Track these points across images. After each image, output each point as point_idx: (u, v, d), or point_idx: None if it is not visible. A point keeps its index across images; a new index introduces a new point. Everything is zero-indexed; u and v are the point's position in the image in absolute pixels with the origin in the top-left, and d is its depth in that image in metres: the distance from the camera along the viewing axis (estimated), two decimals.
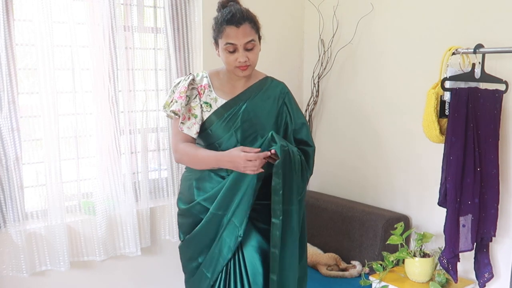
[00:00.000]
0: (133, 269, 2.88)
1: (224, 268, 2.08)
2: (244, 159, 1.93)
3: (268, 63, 2.33)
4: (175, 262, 2.94)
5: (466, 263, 2.57)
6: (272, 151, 1.95)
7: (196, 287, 2.16)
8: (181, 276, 2.28)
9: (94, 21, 2.57)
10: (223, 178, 2.09)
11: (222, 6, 2.08)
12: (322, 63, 3.28)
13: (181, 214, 2.22)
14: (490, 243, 2.47)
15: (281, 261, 2.00)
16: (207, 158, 2.05)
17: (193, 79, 2.11)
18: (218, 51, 2.07)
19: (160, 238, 2.96)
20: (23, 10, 2.44)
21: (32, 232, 2.51)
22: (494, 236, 2.42)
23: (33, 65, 2.48)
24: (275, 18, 3.27)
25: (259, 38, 2.08)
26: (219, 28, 2.01)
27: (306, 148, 2.14)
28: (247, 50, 2.01)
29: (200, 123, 2.09)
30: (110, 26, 2.63)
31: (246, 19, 1.99)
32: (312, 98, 3.36)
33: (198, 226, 2.10)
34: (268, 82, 2.19)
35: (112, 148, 2.66)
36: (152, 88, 2.87)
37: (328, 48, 3.25)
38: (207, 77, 2.13)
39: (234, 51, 2.00)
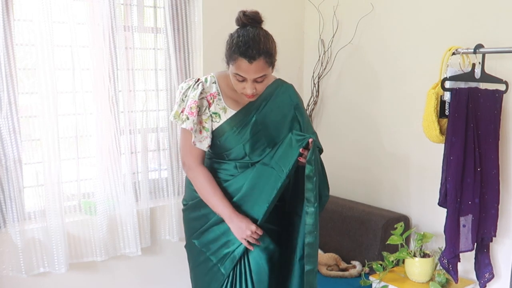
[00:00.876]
0: (133, 269, 2.88)
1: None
2: (254, 230, 1.96)
3: None
4: (175, 262, 2.96)
5: (466, 263, 2.57)
6: (310, 139, 1.92)
7: (207, 284, 2.12)
8: (182, 275, 2.28)
9: (94, 21, 2.56)
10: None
11: (241, 25, 1.93)
12: (322, 63, 3.28)
13: (189, 208, 2.17)
14: (490, 243, 2.47)
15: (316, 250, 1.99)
16: (220, 207, 2.02)
17: (203, 88, 2.02)
18: (228, 69, 1.98)
19: (160, 238, 2.96)
20: (23, 10, 2.44)
21: (32, 233, 2.51)
22: (495, 236, 2.42)
23: (33, 65, 2.48)
24: (275, 18, 3.24)
25: (273, 65, 1.96)
26: (231, 54, 1.89)
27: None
28: (256, 82, 1.92)
29: (211, 136, 2.04)
30: (110, 26, 2.62)
31: (261, 53, 1.86)
32: (312, 98, 3.36)
33: (214, 218, 2.06)
34: (277, 88, 2.10)
35: (112, 148, 2.66)
36: (152, 88, 2.87)
37: (328, 48, 3.25)
38: (215, 83, 2.05)
39: (243, 81, 1.92)
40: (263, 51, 1.87)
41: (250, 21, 1.92)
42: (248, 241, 2.00)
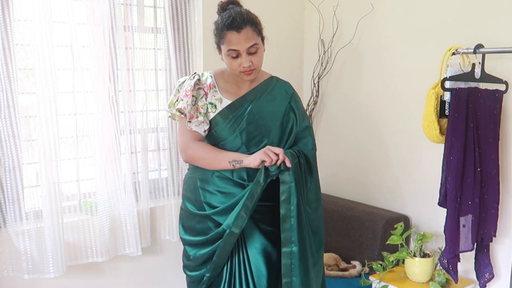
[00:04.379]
0: (134, 269, 2.89)
1: (229, 270, 2.06)
2: (268, 148, 1.93)
3: (268, 63, 2.33)
4: (175, 262, 2.96)
5: (466, 263, 2.57)
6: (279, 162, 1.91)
7: None
8: (182, 275, 2.28)
9: (94, 21, 2.57)
10: (228, 179, 2.07)
11: (222, 9, 2.04)
12: (322, 63, 3.28)
13: (188, 217, 2.16)
14: (490, 243, 2.47)
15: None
16: (230, 152, 2.02)
17: (199, 79, 2.08)
18: (222, 56, 2.03)
19: (160, 238, 2.96)
20: (23, 10, 2.43)
21: (32, 232, 2.51)
22: (495, 236, 2.42)
23: (33, 65, 2.47)
24: (275, 18, 3.27)
25: (262, 39, 2.04)
26: (220, 33, 1.97)
27: (305, 152, 2.10)
28: (250, 54, 1.97)
29: (208, 122, 2.07)
30: (110, 26, 2.63)
31: (247, 22, 1.94)
32: (312, 98, 3.36)
33: (217, 252, 2.03)
34: (273, 83, 2.17)
35: (112, 148, 2.66)
36: (152, 88, 2.87)
37: (328, 48, 3.25)
38: (211, 77, 2.11)
39: (237, 57, 1.97)
40: (248, 20, 1.96)
41: (229, 5, 2.04)
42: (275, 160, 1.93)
